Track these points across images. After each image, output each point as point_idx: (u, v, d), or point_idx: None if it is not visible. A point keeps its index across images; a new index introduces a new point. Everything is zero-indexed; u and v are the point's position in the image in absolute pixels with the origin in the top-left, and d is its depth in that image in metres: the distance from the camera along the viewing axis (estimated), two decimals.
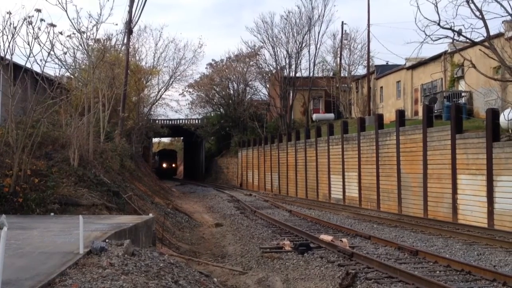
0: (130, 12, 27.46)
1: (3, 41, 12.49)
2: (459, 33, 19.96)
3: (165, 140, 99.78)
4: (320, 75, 51.33)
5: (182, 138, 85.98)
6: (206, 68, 56.20)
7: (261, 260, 12.40)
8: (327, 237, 13.48)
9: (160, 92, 40.57)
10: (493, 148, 19.98)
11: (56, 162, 14.18)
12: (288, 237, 14.84)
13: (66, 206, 12.56)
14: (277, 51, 49.59)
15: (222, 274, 11.77)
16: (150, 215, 12.58)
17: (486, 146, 20.25)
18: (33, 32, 12.35)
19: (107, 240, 8.34)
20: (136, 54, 36.86)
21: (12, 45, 12.41)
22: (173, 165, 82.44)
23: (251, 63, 53.08)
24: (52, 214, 11.93)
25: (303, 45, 48.60)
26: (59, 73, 17.06)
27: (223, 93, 56.76)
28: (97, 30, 16.47)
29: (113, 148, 18.59)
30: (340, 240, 13.25)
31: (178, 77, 43.03)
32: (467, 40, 20.09)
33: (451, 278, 9.59)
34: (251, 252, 13.35)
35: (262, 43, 50.52)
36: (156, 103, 42.27)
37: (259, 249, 13.45)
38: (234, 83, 55.45)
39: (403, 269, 9.85)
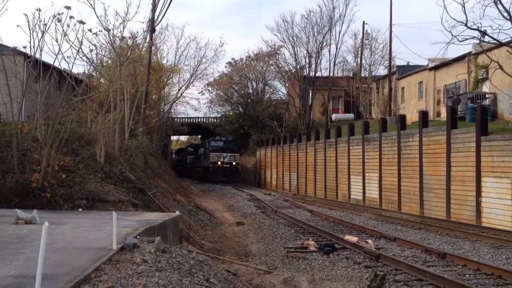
0: (153, 10, 27.59)
1: (33, 38, 12.60)
2: (486, 33, 19.71)
3: (183, 138, 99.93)
4: (340, 75, 51.08)
5: (200, 136, 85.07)
6: (225, 66, 56.35)
7: (286, 260, 12.36)
8: (352, 238, 13.39)
9: (181, 90, 40.75)
10: None
11: (82, 158, 14.30)
12: (311, 237, 14.76)
13: (93, 202, 12.65)
14: (297, 50, 49.57)
15: (247, 273, 11.76)
16: (177, 212, 12.61)
17: None
18: (62, 30, 12.45)
19: (138, 237, 8.37)
20: (158, 52, 37.05)
21: (42, 43, 12.52)
22: (234, 163, 51.49)
23: (270, 62, 53.05)
24: (80, 209, 12.02)
25: (324, 44, 48.50)
26: (87, 71, 17.20)
27: (242, 92, 56.79)
28: (123, 28, 16.59)
29: (137, 146, 18.70)
30: (366, 241, 13.15)
31: (199, 76, 43.20)
32: (494, 41, 19.82)
33: (481, 282, 9.45)
34: (275, 252, 13.31)
35: (282, 42, 50.52)
36: (177, 101, 42.45)
37: (284, 248, 13.41)
38: (253, 82, 55.48)
39: (433, 271, 9.74)
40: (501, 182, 20.69)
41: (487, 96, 29.49)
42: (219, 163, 50.42)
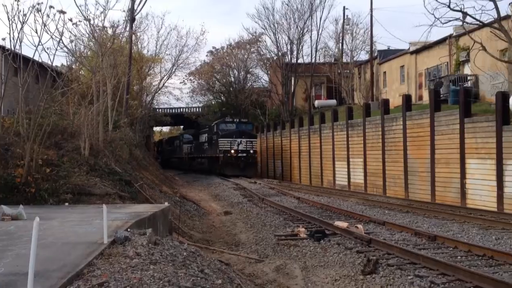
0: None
1: (12, 30, 12.26)
2: (468, 14, 19.79)
3: (165, 129, 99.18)
4: (322, 61, 51.07)
5: (182, 127, 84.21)
6: (206, 55, 55.92)
7: (277, 248, 12.30)
8: (342, 224, 13.38)
9: (163, 81, 40.35)
10: (503, 132, 19.87)
11: (66, 151, 14.04)
12: (301, 224, 14.73)
13: (79, 196, 12.44)
14: (278, 37, 49.43)
15: (238, 262, 11.68)
16: (166, 204, 12.46)
17: (496, 130, 20.14)
18: (42, 20, 12.13)
19: (129, 230, 8.22)
20: (138, 42, 36.55)
21: (21, 34, 12.19)
22: (252, 151, 40.30)
23: (252, 50, 52.80)
24: (66, 204, 11.81)
25: (305, 31, 48.47)
26: (68, 62, 16.85)
27: (224, 80, 56.46)
28: (104, 17, 16.24)
29: (122, 137, 18.46)
30: (356, 227, 13.15)
31: (180, 65, 42.80)
32: (477, 22, 19.89)
33: (474, 263, 9.49)
34: (266, 240, 13.24)
35: (263, 29, 50.34)
36: (159, 92, 42.04)
37: (274, 236, 13.35)
38: (235, 70, 55.16)
39: (425, 254, 9.75)
40: (485, 164, 20.90)
41: (468, 78, 29.71)
42: (232, 151, 38.87)
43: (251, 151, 39.86)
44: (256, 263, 11.56)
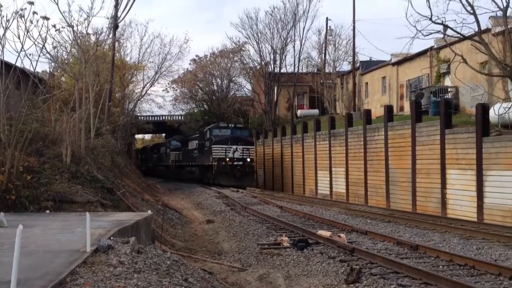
0: (116, 6, 27.07)
1: None
2: (449, 27, 20.10)
3: (147, 137, 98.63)
4: (304, 71, 51.41)
5: (164, 134, 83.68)
6: (189, 64, 55.92)
7: (260, 257, 12.28)
8: (325, 233, 13.41)
9: (146, 88, 40.15)
10: (483, 143, 20.17)
11: (48, 158, 13.87)
12: (284, 233, 14.74)
13: (61, 203, 12.28)
14: (261, 46, 49.65)
15: (221, 271, 11.63)
16: (149, 212, 12.37)
17: (476, 141, 20.43)
18: (25, 26, 12.01)
19: (112, 238, 8.14)
20: (121, 49, 36.38)
21: (3, 40, 12.06)
22: (249, 159, 36.96)
23: (235, 58, 52.91)
24: (47, 211, 11.65)
25: (288, 40, 48.78)
26: (50, 69, 16.71)
27: (207, 89, 56.44)
28: (88, 24, 16.12)
29: (104, 145, 18.31)
30: (338, 236, 13.20)
31: (163, 73, 42.61)
32: (458, 35, 20.20)
33: (455, 272, 9.58)
34: (249, 249, 13.22)
35: (247, 38, 50.48)
36: (141, 99, 41.81)
37: (257, 245, 13.33)
38: (218, 79, 55.21)
39: (408, 264, 9.81)
40: (465, 174, 21.17)
41: (449, 89, 30.12)
42: (227, 159, 35.54)
43: (248, 159, 36.44)
44: (239, 272, 11.52)
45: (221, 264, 12.20)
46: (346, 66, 49.77)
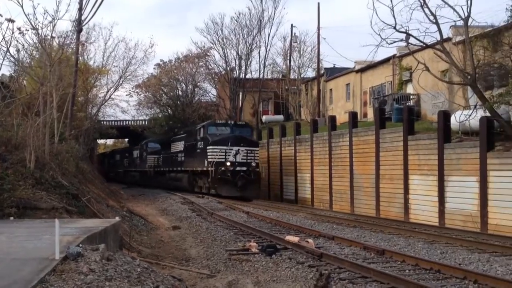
0: (80, 9, 26.65)
1: None
2: (413, 36, 20.54)
3: (109, 141, 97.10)
4: (270, 77, 51.66)
5: (127, 140, 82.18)
6: (154, 68, 55.42)
7: (228, 263, 12.25)
8: (293, 238, 13.49)
9: (109, 92, 39.59)
10: (444, 149, 20.71)
11: (11, 164, 13.51)
12: (252, 238, 14.75)
13: (25, 210, 11.99)
14: (227, 52, 49.68)
15: (189, 278, 11.54)
16: (117, 218, 12.20)
17: (438, 147, 20.97)
18: None
19: (81, 245, 7.99)
20: (85, 53, 35.83)
21: None
22: (254, 163, 30.58)
23: (200, 63, 52.77)
24: (11, 218, 11.36)
25: (253, 46, 48.94)
26: (13, 72, 16.32)
27: (171, 94, 56.03)
28: (53, 27, 15.83)
29: (68, 150, 17.97)
30: (306, 241, 13.30)
31: (128, 77, 42.11)
32: (421, 44, 20.69)
33: (422, 276, 9.78)
34: (217, 255, 13.17)
35: (212, 43, 50.44)
36: (105, 104, 41.19)
37: (225, 251, 13.29)
38: (183, 84, 54.90)
39: (376, 268, 9.97)
40: (427, 180, 21.68)
41: (411, 97, 30.78)
42: (227, 164, 29.36)
43: (253, 164, 30.06)
44: (207, 278, 11.46)
45: (189, 270, 12.11)
46: (310, 73, 50.33)
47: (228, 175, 29.12)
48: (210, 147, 30.16)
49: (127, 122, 59.85)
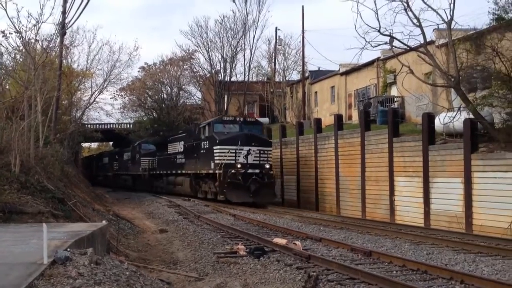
0: (64, 12, 26.47)
1: None
2: (397, 39, 20.77)
3: (93, 145, 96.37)
4: (255, 79, 51.75)
5: (111, 143, 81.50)
6: (138, 71, 55.23)
7: (216, 266, 12.24)
8: (281, 240, 13.52)
9: (94, 96, 39.33)
10: (429, 151, 20.92)
11: None
12: (240, 241, 14.75)
13: (10, 214, 11.88)
14: (211, 55, 49.71)
15: (177, 281, 11.51)
16: (104, 222, 12.13)
17: (423, 149, 21.17)
18: None
19: (69, 249, 7.94)
20: (68, 56, 35.53)
21: None
22: (267, 165, 27.29)
23: (185, 66, 52.68)
24: None
25: (238, 49, 49.04)
26: None
27: (156, 97, 55.85)
28: (37, 30, 15.70)
29: (53, 154, 17.83)
30: (294, 243, 13.33)
31: (112, 80, 41.86)
32: (405, 46, 20.90)
33: (409, 277, 9.86)
34: (205, 258, 13.15)
35: (197, 46, 50.40)
36: (90, 107, 40.90)
37: (213, 254, 13.28)
38: (168, 87, 54.77)
39: (363, 269, 10.04)
40: (412, 181, 21.87)
41: (395, 99, 31.03)
42: (238, 166, 26.19)
43: (267, 166, 26.92)
44: (196, 281, 11.44)
45: (177, 274, 12.08)
46: (295, 75, 50.51)
47: (239, 179, 25.92)
48: (218, 147, 26.86)
49: (111, 126, 59.43)
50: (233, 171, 25.97)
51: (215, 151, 26.98)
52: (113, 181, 54.69)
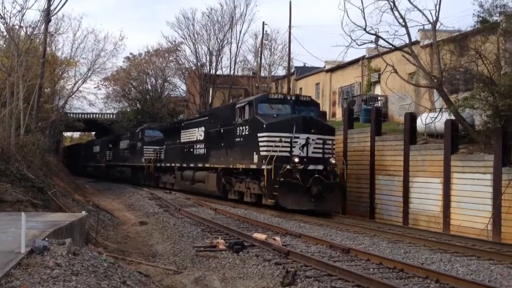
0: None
1: None
2: (382, 38, 20.91)
3: (75, 135, 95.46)
4: (240, 73, 51.65)
5: (94, 133, 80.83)
6: (123, 61, 54.86)
7: (195, 259, 12.26)
8: (260, 236, 13.58)
9: (77, 85, 38.97)
10: (410, 151, 21.12)
11: None
12: (219, 235, 14.79)
13: None
14: (198, 47, 49.49)
15: (156, 274, 11.51)
16: (83, 212, 12.08)
17: (404, 149, 21.37)
18: None
19: (47, 239, 7.92)
20: (52, 44, 35.15)
21: None
22: (334, 160, 20.76)
23: (170, 58, 52.46)
24: None
25: (225, 43, 48.86)
26: None
27: (140, 88, 55.59)
28: (22, 17, 15.50)
29: (34, 142, 17.66)
30: (273, 239, 13.39)
31: (97, 70, 41.52)
32: (390, 46, 21.04)
33: (385, 275, 9.98)
34: (184, 251, 13.16)
35: (183, 38, 50.14)
36: (73, 96, 40.54)
37: (192, 248, 13.29)
38: (152, 78, 54.50)
39: (341, 266, 10.14)
40: (393, 180, 22.09)
41: (379, 98, 31.24)
42: (295, 160, 19.68)
43: (332, 161, 20.82)
44: (174, 274, 11.45)
45: (156, 266, 12.08)
46: (281, 71, 50.49)
47: (296, 177, 19.51)
48: (265, 134, 20.29)
49: (94, 115, 58.98)
50: (288, 166, 19.55)
51: (260, 139, 20.45)
52: (106, 172, 49.42)
